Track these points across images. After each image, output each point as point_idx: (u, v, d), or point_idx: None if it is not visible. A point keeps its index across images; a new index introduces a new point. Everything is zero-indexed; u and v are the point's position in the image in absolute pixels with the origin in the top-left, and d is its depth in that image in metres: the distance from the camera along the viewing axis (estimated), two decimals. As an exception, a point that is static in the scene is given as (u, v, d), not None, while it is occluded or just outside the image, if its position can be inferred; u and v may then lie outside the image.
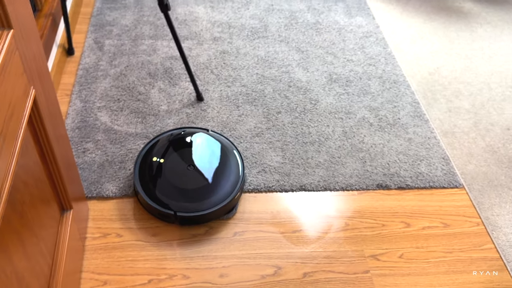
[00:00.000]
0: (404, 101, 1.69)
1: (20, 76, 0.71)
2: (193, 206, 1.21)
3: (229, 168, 1.30)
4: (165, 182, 1.24)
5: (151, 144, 1.33)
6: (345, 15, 2.08)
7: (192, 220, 1.22)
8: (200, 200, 1.22)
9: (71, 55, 1.69)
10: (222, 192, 1.25)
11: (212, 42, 1.84)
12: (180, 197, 1.22)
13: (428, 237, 1.30)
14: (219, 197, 1.24)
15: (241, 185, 1.28)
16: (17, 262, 0.70)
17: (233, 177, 1.28)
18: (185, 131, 1.38)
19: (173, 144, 1.33)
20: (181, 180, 1.25)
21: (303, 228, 1.28)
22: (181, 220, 1.21)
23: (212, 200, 1.22)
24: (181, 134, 1.35)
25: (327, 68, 1.79)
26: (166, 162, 1.28)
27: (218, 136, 1.39)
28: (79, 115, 1.48)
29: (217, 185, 1.26)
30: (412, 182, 1.42)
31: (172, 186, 1.23)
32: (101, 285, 1.10)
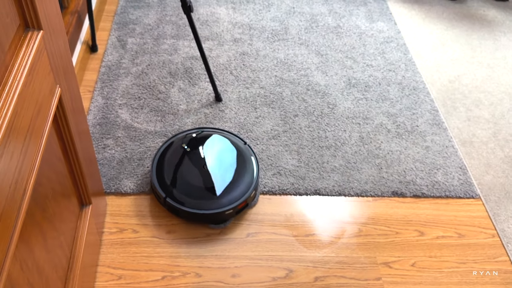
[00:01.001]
0: (423, 109, 1.68)
1: (47, 75, 0.73)
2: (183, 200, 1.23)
3: (243, 177, 1.31)
4: (180, 179, 1.26)
5: (170, 142, 1.36)
6: (367, 19, 2.08)
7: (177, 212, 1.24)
8: (213, 199, 1.23)
9: (95, 52, 1.73)
10: (235, 192, 1.26)
11: (232, 43, 1.85)
12: (196, 195, 1.24)
13: (442, 246, 1.29)
14: (234, 197, 1.25)
15: (256, 184, 1.29)
16: (38, 254, 0.72)
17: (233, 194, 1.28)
18: (205, 131, 1.40)
19: (188, 145, 1.35)
20: (196, 178, 1.26)
21: (316, 232, 1.29)
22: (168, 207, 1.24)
23: (225, 200, 1.24)
24: (200, 133, 1.38)
25: (346, 73, 1.79)
26: (183, 160, 1.30)
27: (230, 135, 1.41)
28: (100, 112, 1.51)
29: (230, 186, 1.27)
30: (428, 191, 1.42)
31: (186, 183, 1.25)
32: (116, 279, 1.13)
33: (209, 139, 1.37)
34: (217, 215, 1.23)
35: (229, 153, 1.35)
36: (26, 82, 0.63)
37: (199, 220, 1.25)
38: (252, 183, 1.29)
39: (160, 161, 1.30)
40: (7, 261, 0.57)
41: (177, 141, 1.36)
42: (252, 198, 1.30)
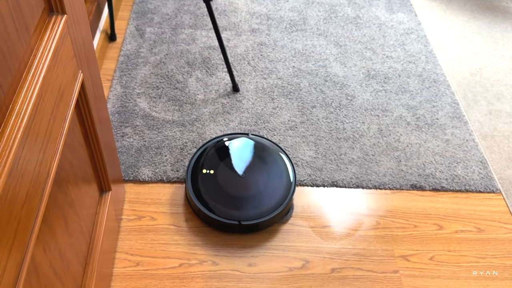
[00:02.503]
0: (444, 101, 1.66)
1: (71, 60, 0.73)
2: (255, 213, 1.20)
3: (280, 171, 1.29)
4: (221, 192, 1.23)
5: (197, 156, 1.31)
6: (386, 10, 2.05)
7: (255, 227, 1.22)
8: (259, 207, 1.21)
9: (113, 41, 1.73)
10: (278, 196, 1.24)
11: (250, 33, 1.84)
12: (240, 206, 1.21)
13: (461, 241, 1.28)
14: (277, 201, 1.23)
15: (294, 186, 1.27)
16: (60, 238, 0.73)
17: (285, 179, 1.27)
18: (227, 138, 1.36)
19: (220, 154, 1.31)
20: (236, 188, 1.24)
21: (333, 223, 1.28)
22: (245, 228, 1.21)
23: (270, 205, 1.22)
24: (224, 142, 1.34)
25: (365, 64, 1.76)
26: (217, 173, 1.27)
27: (260, 138, 1.38)
28: (119, 100, 1.52)
29: (272, 190, 1.25)
30: (447, 185, 1.40)
31: (229, 196, 1.23)
32: (133, 266, 1.14)
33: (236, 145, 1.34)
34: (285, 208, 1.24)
35: (257, 152, 1.33)
36: (51, 66, 0.64)
37: (274, 222, 1.24)
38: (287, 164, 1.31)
39: (200, 190, 1.24)
40: (31, 242, 0.58)
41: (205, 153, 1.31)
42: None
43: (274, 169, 1.29)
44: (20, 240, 0.55)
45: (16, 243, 0.54)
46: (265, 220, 1.20)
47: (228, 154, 1.31)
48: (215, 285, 1.12)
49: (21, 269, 0.56)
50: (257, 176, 1.27)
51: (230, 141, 1.35)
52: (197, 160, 1.29)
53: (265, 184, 1.25)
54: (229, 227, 1.20)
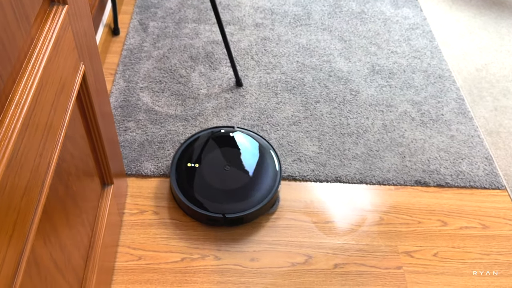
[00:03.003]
0: (449, 97, 1.64)
1: (72, 51, 0.73)
2: (239, 206, 1.20)
3: (266, 163, 1.29)
4: (204, 184, 1.23)
5: (183, 149, 1.31)
6: (392, 5, 2.03)
7: (239, 220, 1.21)
8: (243, 199, 1.21)
9: (117, 35, 1.73)
10: (263, 189, 1.23)
11: (254, 28, 1.83)
12: (224, 199, 1.21)
13: (465, 237, 1.26)
14: (262, 195, 1.22)
15: (279, 179, 1.27)
16: (61, 230, 0.73)
17: (271, 172, 1.27)
18: (212, 132, 1.36)
19: (205, 147, 1.31)
20: (221, 181, 1.24)
21: (336, 219, 1.27)
22: (229, 221, 1.20)
23: (255, 198, 1.21)
24: (211, 135, 1.34)
25: (370, 59, 1.75)
26: (201, 165, 1.26)
27: (247, 132, 1.37)
28: (122, 94, 1.51)
29: (257, 182, 1.24)
30: (452, 181, 1.38)
31: (213, 188, 1.22)
32: (136, 260, 1.13)
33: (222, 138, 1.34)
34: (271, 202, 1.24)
35: (244, 145, 1.33)
36: (51, 56, 0.63)
37: (260, 214, 1.24)
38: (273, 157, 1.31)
39: (184, 183, 1.23)
40: (31, 233, 0.58)
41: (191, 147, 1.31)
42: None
43: (259, 162, 1.29)
44: (20, 231, 0.55)
45: (15, 234, 0.54)
46: (249, 213, 1.19)
47: (213, 147, 1.31)
48: (217, 280, 1.12)
49: (21, 260, 0.55)
50: (241, 169, 1.26)
51: (215, 134, 1.35)
52: (182, 154, 1.29)
53: (250, 177, 1.25)
54: (214, 220, 1.20)
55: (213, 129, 1.37)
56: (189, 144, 1.32)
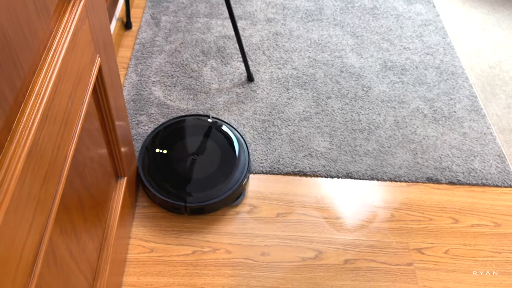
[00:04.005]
0: (461, 94, 1.63)
1: (89, 44, 0.73)
2: (202, 196, 1.19)
3: (235, 155, 1.27)
4: (171, 172, 1.22)
5: (154, 135, 1.31)
6: (404, 1, 2.01)
7: (200, 210, 1.20)
8: (206, 189, 1.20)
9: (129, 29, 1.73)
10: (228, 181, 1.22)
11: (265, 23, 1.83)
12: (188, 187, 1.20)
13: (477, 235, 1.26)
14: (226, 186, 1.21)
15: (246, 172, 1.25)
16: (76, 221, 0.74)
17: (239, 164, 1.25)
18: (186, 119, 1.36)
19: (176, 134, 1.31)
20: (186, 169, 1.23)
21: (347, 215, 1.27)
22: (190, 210, 1.19)
23: (219, 189, 1.20)
24: (183, 123, 1.33)
25: (382, 55, 1.74)
26: (170, 152, 1.26)
27: (220, 122, 1.36)
28: (134, 88, 1.52)
29: (222, 174, 1.23)
30: (464, 178, 1.38)
31: (178, 176, 1.22)
32: (147, 252, 1.14)
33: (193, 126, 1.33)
34: (234, 194, 1.22)
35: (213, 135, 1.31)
36: (69, 48, 0.64)
37: (223, 205, 1.23)
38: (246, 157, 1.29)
39: (151, 169, 1.23)
40: (49, 223, 0.58)
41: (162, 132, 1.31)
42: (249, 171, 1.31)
43: (228, 154, 1.28)
44: (39, 220, 0.56)
45: (35, 223, 0.54)
46: (210, 204, 1.18)
47: (184, 134, 1.30)
48: (228, 273, 1.13)
49: (40, 249, 0.56)
50: (209, 159, 1.26)
51: (188, 122, 1.34)
52: (152, 140, 1.29)
53: (216, 167, 1.24)
54: (176, 208, 1.19)
55: (188, 116, 1.37)
56: (161, 130, 1.32)
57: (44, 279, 0.60)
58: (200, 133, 1.31)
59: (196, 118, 1.36)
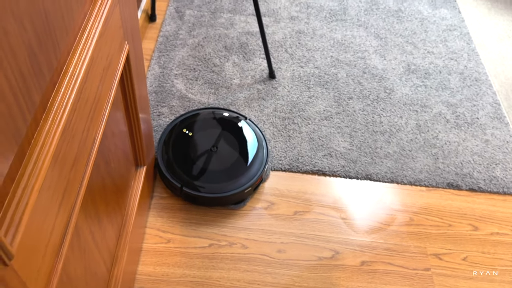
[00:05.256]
0: (485, 101, 1.60)
1: (119, 29, 0.73)
2: (198, 186, 1.18)
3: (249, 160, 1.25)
4: (186, 158, 1.23)
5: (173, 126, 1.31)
6: (430, 5, 1.99)
7: (193, 198, 1.20)
8: (209, 182, 1.19)
9: (153, 21, 1.74)
10: (235, 183, 1.20)
11: (289, 21, 1.82)
12: (194, 175, 1.20)
13: (497, 243, 1.23)
14: (229, 187, 1.19)
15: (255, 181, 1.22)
16: (99, 205, 0.74)
17: (249, 172, 1.22)
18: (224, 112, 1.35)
19: (204, 123, 1.31)
20: (199, 157, 1.22)
21: (365, 216, 1.26)
22: (184, 195, 1.19)
23: (220, 187, 1.18)
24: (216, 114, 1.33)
25: (405, 58, 1.72)
26: (192, 139, 1.26)
27: (253, 126, 1.34)
28: (156, 80, 1.52)
29: (231, 174, 1.21)
30: (485, 185, 1.35)
31: (192, 163, 1.21)
32: (164, 243, 1.14)
33: (210, 120, 1.32)
34: (236, 195, 1.19)
35: (235, 132, 1.30)
36: (102, 32, 0.64)
37: (220, 204, 1.21)
38: (264, 159, 1.26)
39: (167, 147, 1.25)
40: (77, 204, 0.58)
41: (179, 126, 1.30)
42: (266, 173, 1.27)
43: (245, 156, 1.25)
44: (68, 200, 0.56)
45: (64, 203, 0.54)
46: (204, 197, 1.17)
47: (212, 127, 1.30)
48: (244, 268, 1.12)
49: (67, 231, 0.56)
50: (225, 156, 1.24)
51: (222, 115, 1.34)
52: (181, 122, 1.31)
53: (227, 166, 1.22)
54: (173, 187, 1.20)
55: (228, 111, 1.37)
56: (191, 116, 1.33)
57: (69, 261, 0.60)
58: (227, 128, 1.31)
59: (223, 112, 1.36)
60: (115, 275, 0.87)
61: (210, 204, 1.21)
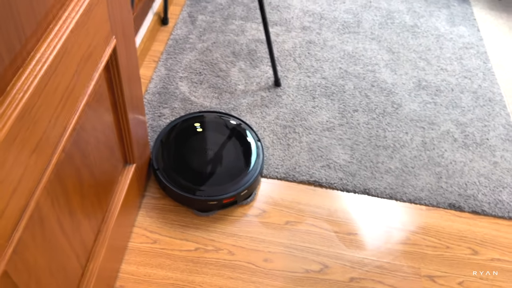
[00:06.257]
0: (497, 122, 1.55)
1: (104, 22, 0.73)
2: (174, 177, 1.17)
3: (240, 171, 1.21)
4: (182, 161, 1.21)
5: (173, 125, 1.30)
6: (447, 22, 1.95)
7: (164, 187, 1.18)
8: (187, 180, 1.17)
9: (165, 25, 1.76)
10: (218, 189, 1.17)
11: (300, 30, 1.81)
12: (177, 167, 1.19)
13: (496, 269, 1.18)
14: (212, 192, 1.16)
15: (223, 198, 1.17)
16: (72, 196, 0.73)
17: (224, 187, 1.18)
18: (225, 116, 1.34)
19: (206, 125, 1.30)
20: (193, 159, 1.21)
21: (359, 232, 1.22)
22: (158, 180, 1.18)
23: (202, 191, 1.16)
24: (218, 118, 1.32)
25: (417, 74, 1.68)
26: (187, 142, 1.25)
27: (251, 130, 1.32)
28: (161, 82, 1.53)
29: (217, 180, 1.18)
30: (489, 209, 1.30)
31: (187, 166, 1.20)
32: (150, 243, 1.13)
33: (225, 126, 1.30)
34: (200, 202, 1.15)
35: (238, 145, 1.26)
36: (80, 22, 0.64)
37: (183, 203, 1.18)
38: (247, 181, 1.18)
39: (168, 134, 1.26)
40: (37, 191, 0.58)
41: (191, 120, 1.31)
42: (243, 197, 1.19)
43: (239, 165, 1.22)
44: (25, 186, 0.55)
45: (20, 188, 0.54)
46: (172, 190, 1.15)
47: (209, 129, 1.29)
48: (228, 275, 1.10)
49: (23, 215, 0.56)
50: (218, 160, 1.21)
51: (213, 118, 1.33)
52: (183, 122, 1.30)
53: (217, 171, 1.19)
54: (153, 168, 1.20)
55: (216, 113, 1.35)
56: (192, 118, 1.33)
57: (27, 247, 0.59)
58: (222, 132, 1.29)
59: (217, 115, 1.35)
60: (89, 270, 0.87)
61: (175, 199, 1.19)
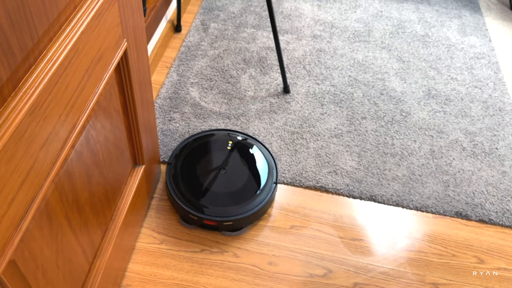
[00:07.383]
0: (506, 132, 1.54)
1: (116, 26, 0.77)
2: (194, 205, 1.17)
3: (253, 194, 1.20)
4: (194, 182, 1.21)
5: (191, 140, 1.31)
6: (459, 32, 1.95)
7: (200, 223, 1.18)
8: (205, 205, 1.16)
9: (178, 32, 1.80)
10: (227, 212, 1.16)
11: (311, 39, 1.83)
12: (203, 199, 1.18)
13: (503, 279, 1.17)
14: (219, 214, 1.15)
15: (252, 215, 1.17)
16: (81, 192, 0.76)
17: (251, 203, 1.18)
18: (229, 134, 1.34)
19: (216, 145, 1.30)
20: (210, 181, 1.21)
21: (364, 238, 1.23)
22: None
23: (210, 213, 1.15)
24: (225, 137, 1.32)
25: (427, 82, 1.69)
26: (200, 162, 1.25)
27: (262, 148, 1.32)
28: (173, 87, 1.56)
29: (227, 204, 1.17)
30: (496, 218, 1.29)
31: (200, 186, 1.20)
32: (157, 243, 1.16)
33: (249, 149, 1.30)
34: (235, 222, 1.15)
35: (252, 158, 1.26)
36: (92, 25, 0.67)
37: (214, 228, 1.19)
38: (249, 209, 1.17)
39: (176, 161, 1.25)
40: (45, 184, 0.61)
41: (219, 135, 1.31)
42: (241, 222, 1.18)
43: (251, 189, 1.21)
44: (33, 178, 0.58)
45: (28, 180, 0.57)
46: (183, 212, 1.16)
47: (221, 149, 1.29)
48: (232, 276, 1.11)
49: (30, 207, 0.58)
50: (230, 182, 1.20)
51: (230, 137, 1.32)
52: (194, 140, 1.31)
53: (229, 193, 1.19)
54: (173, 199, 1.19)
55: (229, 131, 1.35)
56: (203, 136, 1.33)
57: (33, 238, 0.62)
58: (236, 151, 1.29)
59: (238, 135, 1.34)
60: (96, 267, 0.89)
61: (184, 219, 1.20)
